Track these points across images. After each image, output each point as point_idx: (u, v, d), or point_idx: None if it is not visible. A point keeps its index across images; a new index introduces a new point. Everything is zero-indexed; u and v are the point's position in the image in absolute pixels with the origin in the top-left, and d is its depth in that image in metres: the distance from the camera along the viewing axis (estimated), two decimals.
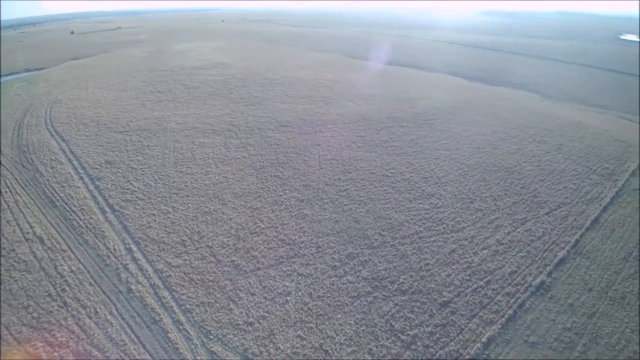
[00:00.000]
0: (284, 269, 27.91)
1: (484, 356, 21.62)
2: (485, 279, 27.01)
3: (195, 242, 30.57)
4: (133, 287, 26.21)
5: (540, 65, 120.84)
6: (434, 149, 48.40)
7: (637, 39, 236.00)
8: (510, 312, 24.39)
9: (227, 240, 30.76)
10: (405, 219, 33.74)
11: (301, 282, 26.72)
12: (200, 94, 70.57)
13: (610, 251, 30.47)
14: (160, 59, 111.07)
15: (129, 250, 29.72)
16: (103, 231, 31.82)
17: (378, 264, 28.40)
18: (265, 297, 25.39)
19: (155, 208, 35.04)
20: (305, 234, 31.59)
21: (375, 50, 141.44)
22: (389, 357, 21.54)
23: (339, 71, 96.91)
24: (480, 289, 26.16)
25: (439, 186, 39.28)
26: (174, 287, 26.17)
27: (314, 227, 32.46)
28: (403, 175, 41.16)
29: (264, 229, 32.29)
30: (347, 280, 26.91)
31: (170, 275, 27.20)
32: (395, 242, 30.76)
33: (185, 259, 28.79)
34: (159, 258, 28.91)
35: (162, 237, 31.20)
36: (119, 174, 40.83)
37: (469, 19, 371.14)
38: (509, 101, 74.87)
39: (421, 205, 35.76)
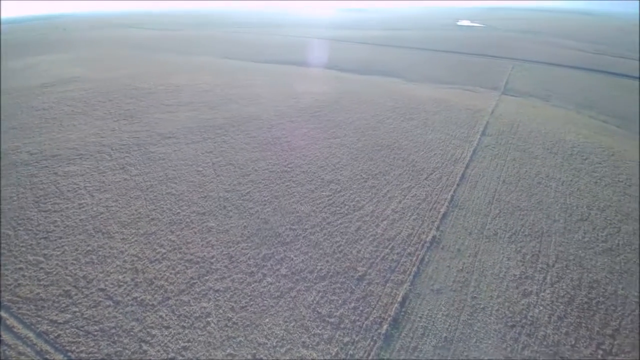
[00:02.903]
0: (198, 290, 25.85)
1: (403, 312, 23.99)
2: (390, 246, 29.85)
3: (83, 289, 25.88)
4: None
5: (398, 53, 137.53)
6: (325, 138, 50.82)
7: (470, 24, 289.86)
8: (414, 269, 27.54)
9: (123, 277, 26.90)
10: (312, 209, 34.75)
11: (220, 298, 25.17)
12: (54, 115, 59.35)
13: (477, 199, 36.95)
14: None
15: None
16: None
17: (294, 258, 28.64)
18: (183, 326, 23.14)
19: (20, 261, 28.35)
20: (214, 248, 29.79)
21: (250, 49, 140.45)
22: (323, 342, 22.07)
23: (217, 74, 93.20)
24: (387, 256, 28.79)
25: (336, 172, 41.51)
26: (67, 347, 21.75)
27: (222, 238, 30.83)
28: (301, 168, 42.16)
29: (165, 253, 29.24)
30: (268, 282, 26.44)
31: (59, 335, 22.50)
32: (306, 233, 31.44)
33: (75, 311, 24.16)
34: (39, 319, 23.60)
35: (38, 293, 25.52)
36: None
37: (331, 16, 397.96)
38: (380, 87, 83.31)
39: (323, 193, 37.28)
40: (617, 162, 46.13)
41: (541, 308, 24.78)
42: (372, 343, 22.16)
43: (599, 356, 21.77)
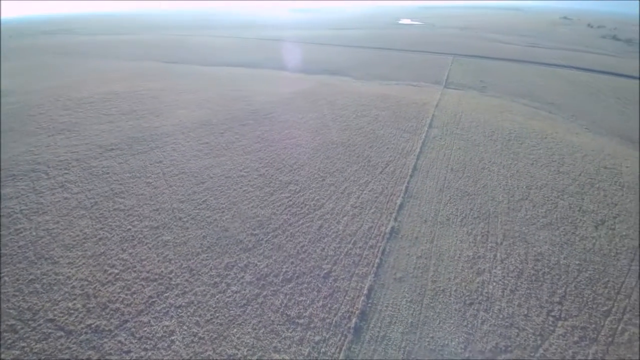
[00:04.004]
0: (158, 308, 24.56)
1: (370, 304, 24.62)
2: (352, 241, 30.47)
3: (29, 322, 23.51)
4: None
5: (346, 52, 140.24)
6: (280, 139, 50.56)
7: (411, 22, 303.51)
8: (377, 260, 28.37)
9: (73, 304, 24.83)
10: (272, 212, 34.42)
11: (183, 314, 24.12)
12: None
13: (430, 188, 38.83)
14: None
15: None
16: None
17: (258, 263, 28.22)
18: (145, 348, 21.88)
19: None
20: (172, 262, 28.46)
21: (197, 53, 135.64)
22: (294, 345, 22.00)
23: (163, 79, 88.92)
24: (350, 251, 29.36)
25: (293, 173, 41.47)
26: None
27: (180, 251, 29.53)
28: (258, 172, 41.60)
29: (118, 274, 27.41)
30: (232, 291, 25.80)
31: None
32: (268, 237, 31.10)
33: (23, 347, 21.89)
34: None
35: None
36: None
37: (282, 17, 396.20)
38: (331, 86, 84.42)
39: (282, 195, 37.09)
40: (549, 144, 50.84)
41: (494, 284, 26.67)
42: (342, 338, 22.50)
43: (550, 321, 23.90)
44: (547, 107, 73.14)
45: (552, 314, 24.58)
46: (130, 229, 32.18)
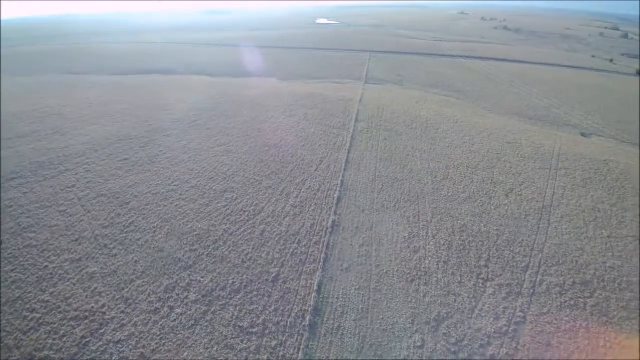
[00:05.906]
0: (94, 348, 22.10)
1: (321, 299, 25.10)
2: (296, 240, 30.69)
3: None
4: None
5: (268, 53, 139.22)
6: (209, 147, 48.54)
7: (327, 21, 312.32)
8: (322, 255, 29.01)
9: None
10: (210, 223, 33.02)
11: (124, 349, 22.05)
12: None
13: (363, 179, 40.69)
14: None
15: None
16: None
17: (201, 279, 26.92)
18: None
19: None
20: (103, 295, 25.76)
21: (102, 61, 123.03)
22: (251, 354, 21.53)
23: (66, 93, 78.76)
24: (296, 250, 29.57)
25: (227, 180, 40.22)
26: None
27: (110, 282, 26.81)
28: (189, 183, 39.51)
29: (40, 318, 23.99)
30: (177, 313, 24.28)
31: None
32: (209, 250, 29.81)
33: None
34: None
35: None
36: None
37: (194, 19, 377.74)
38: (257, 88, 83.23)
39: (219, 204, 35.78)
40: (461, 127, 56.58)
41: (430, 259, 29.04)
42: (299, 337, 22.64)
43: (480, 283, 26.75)
44: (455, 95, 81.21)
45: (481, 276, 27.59)
46: (47, 265, 28.30)
